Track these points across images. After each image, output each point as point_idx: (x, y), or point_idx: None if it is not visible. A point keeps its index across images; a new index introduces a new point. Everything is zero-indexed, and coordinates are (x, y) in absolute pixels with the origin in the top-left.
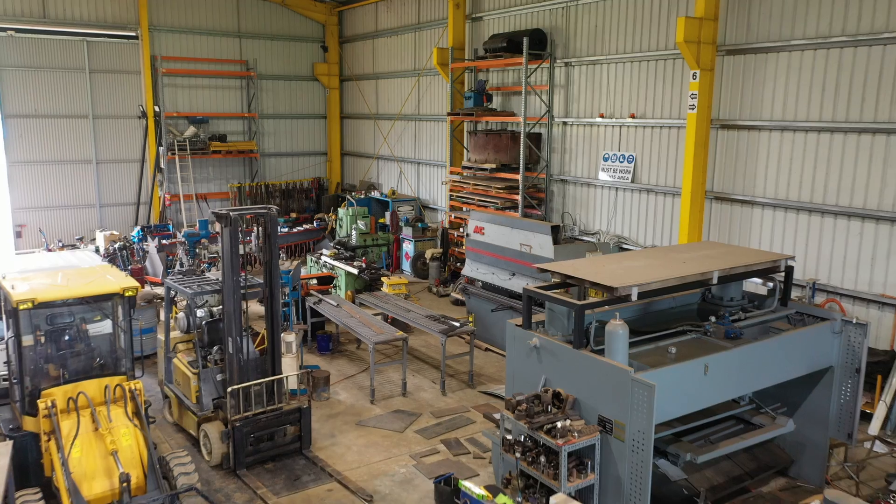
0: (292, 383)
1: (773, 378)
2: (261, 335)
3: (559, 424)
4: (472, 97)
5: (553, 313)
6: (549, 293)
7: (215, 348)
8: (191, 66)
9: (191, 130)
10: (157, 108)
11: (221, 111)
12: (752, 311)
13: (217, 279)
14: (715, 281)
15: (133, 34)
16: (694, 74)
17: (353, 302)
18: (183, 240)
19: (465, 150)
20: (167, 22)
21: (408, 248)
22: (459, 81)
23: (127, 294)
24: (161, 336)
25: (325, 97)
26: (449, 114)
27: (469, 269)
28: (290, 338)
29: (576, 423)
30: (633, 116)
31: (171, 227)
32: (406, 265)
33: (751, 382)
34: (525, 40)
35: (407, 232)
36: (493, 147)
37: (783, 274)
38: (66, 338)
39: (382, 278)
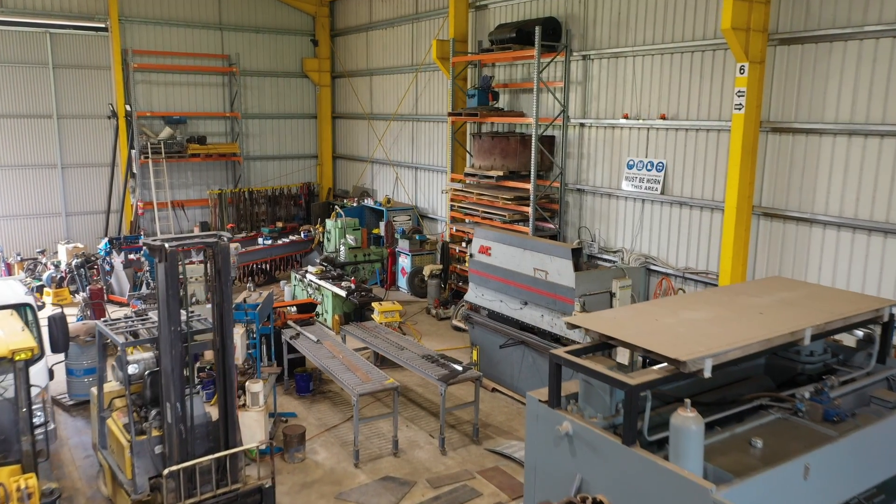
0: (258, 442)
1: (886, 472)
2: None
3: None
4: (476, 95)
5: (590, 387)
6: (585, 363)
7: (154, 412)
8: (166, 60)
9: (166, 132)
10: (128, 108)
11: (201, 110)
12: (841, 372)
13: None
14: (808, 341)
15: (102, 26)
16: (741, 68)
17: (339, 331)
18: (143, 259)
19: (468, 155)
20: (140, 12)
21: (404, 262)
22: (462, 77)
23: (17, 358)
24: (94, 389)
25: (316, 95)
26: (450, 114)
27: (473, 295)
28: (256, 387)
29: None
30: (663, 117)
31: (142, 238)
32: (402, 281)
33: (861, 481)
34: (537, 30)
35: (403, 245)
36: (499, 152)
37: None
38: None
39: (373, 303)
